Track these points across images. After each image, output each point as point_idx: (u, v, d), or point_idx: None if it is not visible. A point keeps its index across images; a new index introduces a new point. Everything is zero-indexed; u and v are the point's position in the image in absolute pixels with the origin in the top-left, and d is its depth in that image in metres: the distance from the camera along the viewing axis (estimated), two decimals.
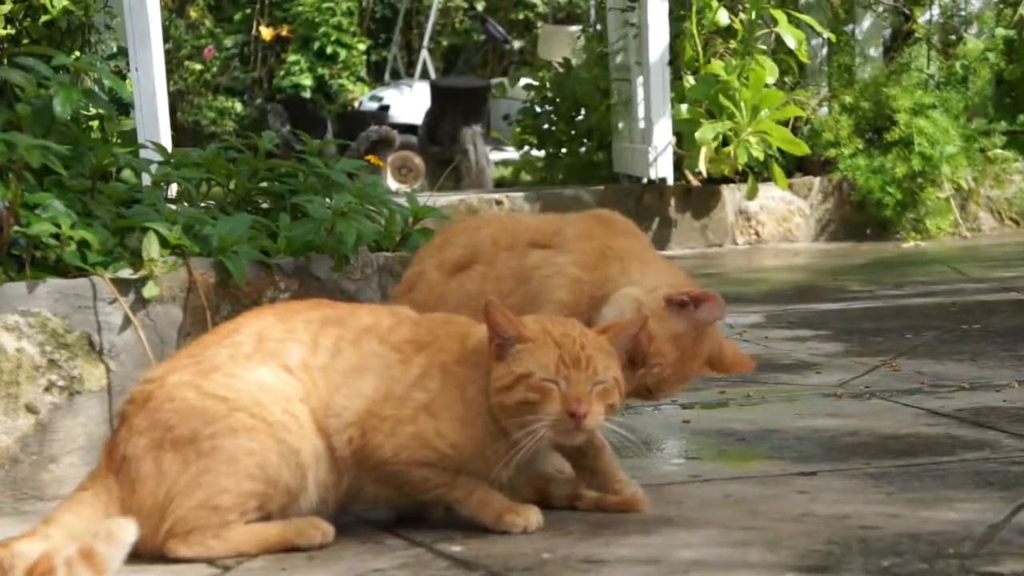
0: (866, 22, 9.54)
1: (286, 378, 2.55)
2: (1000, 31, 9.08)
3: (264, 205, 3.78)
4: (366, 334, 2.62)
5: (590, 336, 2.60)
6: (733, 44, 8.54)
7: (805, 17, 8.57)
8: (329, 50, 15.46)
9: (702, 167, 8.39)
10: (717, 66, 8.28)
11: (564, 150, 10.10)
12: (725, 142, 8.36)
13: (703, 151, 8.32)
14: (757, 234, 8.97)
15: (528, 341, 2.56)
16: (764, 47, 8.58)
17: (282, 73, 15.66)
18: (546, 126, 10.22)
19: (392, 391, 2.57)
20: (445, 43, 16.89)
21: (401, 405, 2.56)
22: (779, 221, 8.99)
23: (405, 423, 2.55)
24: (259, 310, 2.78)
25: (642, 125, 8.93)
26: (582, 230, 2.96)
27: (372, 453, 2.55)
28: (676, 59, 8.66)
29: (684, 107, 8.47)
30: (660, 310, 2.81)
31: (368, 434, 2.55)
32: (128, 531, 2.35)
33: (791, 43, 8.26)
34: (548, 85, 10.28)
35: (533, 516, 2.61)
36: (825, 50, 9.32)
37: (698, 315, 2.84)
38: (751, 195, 8.65)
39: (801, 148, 8.27)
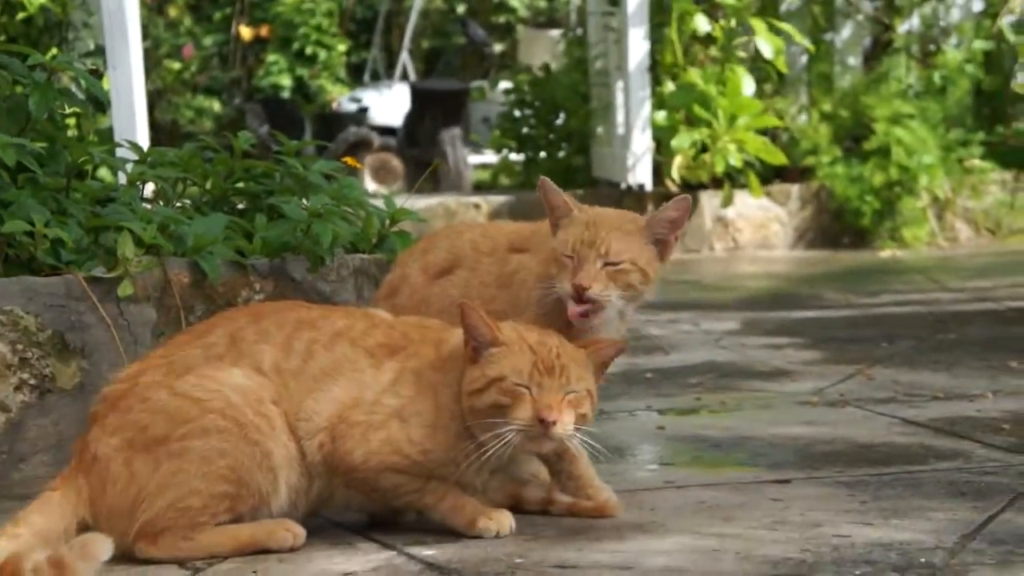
0: (846, 31, 9.57)
1: (259, 380, 2.54)
2: (979, 43, 9.12)
3: (240, 205, 3.76)
4: (339, 337, 2.61)
5: (567, 347, 2.60)
6: (713, 51, 8.56)
7: (784, 25, 8.60)
8: (309, 51, 15.43)
9: (675, 174, 8.42)
10: (695, 74, 8.29)
11: (543, 154, 10.12)
12: (704, 149, 8.38)
13: (677, 158, 8.35)
14: (735, 241, 8.98)
15: (503, 345, 2.56)
16: (744, 54, 8.61)
17: (261, 73, 15.62)
18: (525, 130, 10.23)
19: (363, 396, 2.56)
20: (425, 45, 16.88)
21: (372, 410, 2.55)
22: (757, 228, 9.00)
23: (376, 429, 2.55)
24: (233, 311, 2.77)
25: (621, 131, 8.94)
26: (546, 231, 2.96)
27: (342, 459, 2.54)
28: (656, 65, 8.68)
29: (663, 114, 8.49)
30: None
31: (338, 440, 2.54)
32: (103, 547, 2.33)
33: (767, 52, 8.28)
34: (528, 89, 10.30)
35: (506, 520, 2.60)
36: (805, 58, 9.35)
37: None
38: (726, 203, 8.67)
39: (778, 157, 8.29)
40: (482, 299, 2.79)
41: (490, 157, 12.56)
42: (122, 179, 3.78)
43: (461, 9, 16.77)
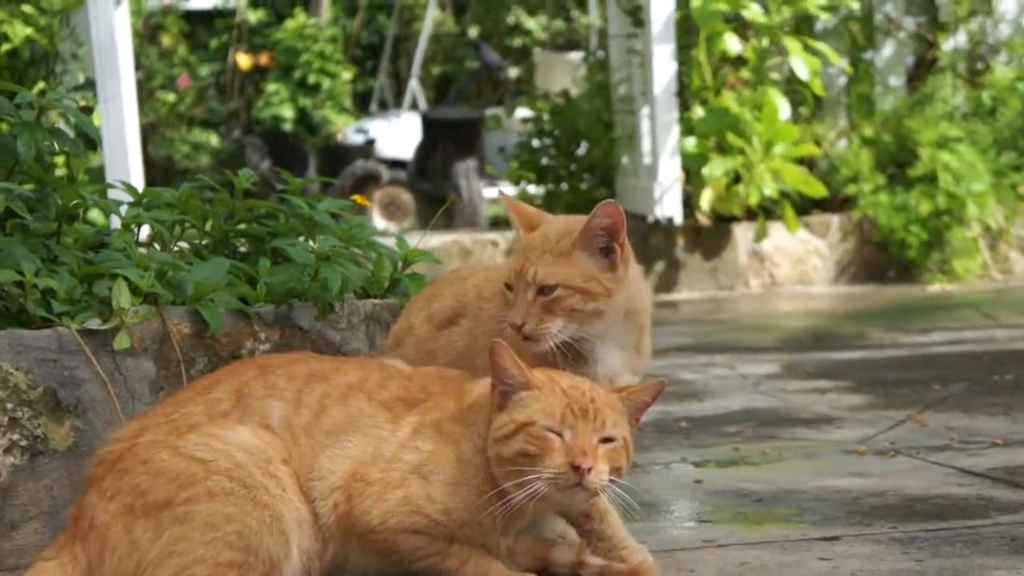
0: (887, 50, 9.59)
1: (267, 438, 2.55)
2: None
3: (242, 248, 3.77)
4: (353, 390, 2.61)
5: (600, 392, 2.60)
6: (744, 73, 8.58)
7: (820, 45, 8.61)
8: (312, 79, 15.52)
9: (705, 205, 8.43)
10: (728, 98, 8.31)
11: (564, 186, 10.14)
12: (737, 178, 8.38)
13: (708, 188, 8.35)
14: (772, 276, 8.98)
15: (534, 388, 2.56)
16: (777, 76, 8.62)
17: (261, 104, 15.70)
18: (544, 160, 10.25)
19: (380, 452, 2.56)
20: (436, 71, 16.96)
21: (390, 467, 2.56)
22: (795, 263, 9.00)
23: (394, 487, 2.55)
24: (238, 364, 2.77)
25: (648, 160, 8.96)
26: None
27: (358, 520, 2.54)
28: (684, 89, 8.70)
29: (692, 141, 8.50)
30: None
31: (354, 499, 2.54)
32: None
33: (803, 74, 8.30)
34: (546, 117, 10.33)
35: None
36: (843, 79, 9.36)
37: None
38: (759, 237, 8.67)
39: (817, 190, 8.30)
40: (487, 350, 2.77)
41: (507, 190, 12.60)
42: (115, 222, 3.79)
43: (473, 32, 16.85)
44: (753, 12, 8.38)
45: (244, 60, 16.08)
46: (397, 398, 2.62)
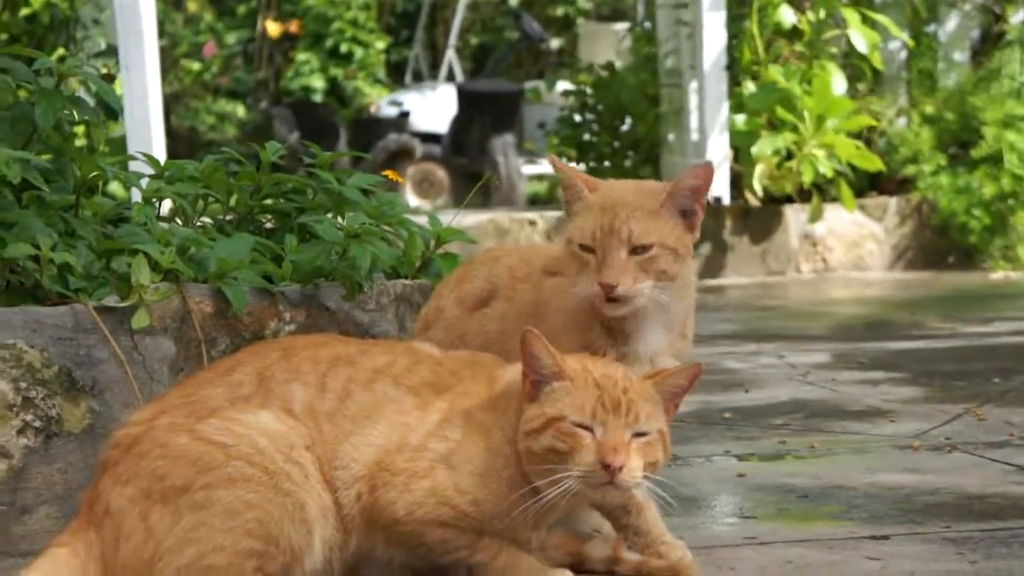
0: (951, 23, 9.53)
1: (290, 423, 2.56)
2: None
3: (268, 225, 3.79)
4: (380, 375, 2.62)
5: (634, 381, 2.59)
6: (799, 47, 8.55)
7: (880, 17, 8.57)
8: (344, 48, 15.55)
9: (756, 185, 8.40)
10: (776, 72, 8.27)
11: (607, 163, 10.13)
12: (789, 156, 8.36)
13: (759, 167, 8.33)
14: (824, 261, 8.95)
15: (567, 379, 2.56)
16: (835, 50, 8.59)
17: (291, 74, 15.76)
18: (587, 136, 10.24)
19: (407, 440, 2.57)
20: (474, 41, 16.96)
21: (417, 456, 2.56)
22: (849, 247, 8.97)
23: (421, 477, 2.55)
24: (261, 345, 2.79)
25: (695, 137, 8.95)
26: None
27: (383, 511, 2.55)
28: (734, 63, 8.67)
29: (742, 117, 8.48)
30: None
31: (379, 489, 2.55)
32: None
33: (862, 47, 8.27)
34: (589, 90, 10.31)
35: None
36: (904, 54, 9.31)
37: None
38: (814, 218, 8.64)
39: (874, 163, 8.26)
40: (520, 332, 2.78)
41: (547, 167, 12.59)
42: (136, 195, 3.82)
43: (514, 0, 16.84)
44: None
45: (273, 27, 16.13)
46: (426, 383, 2.63)
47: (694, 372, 2.64)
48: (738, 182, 8.71)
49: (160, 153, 7.72)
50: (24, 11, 7.95)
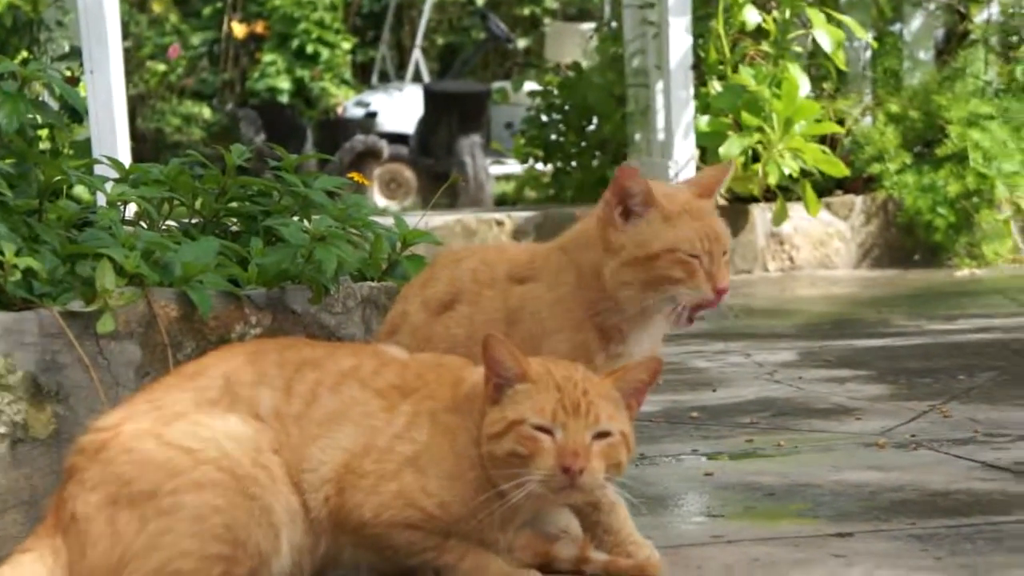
0: (915, 22, 9.57)
1: (257, 427, 2.56)
2: None
3: (234, 228, 3.78)
4: (346, 378, 2.63)
5: (594, 381, 2.60)
6: (765, 46, 8.57)
7: (844, 18, 8.60)
8: (310, 49, 15.52)
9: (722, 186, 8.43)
10: (746, 74, 8.30)
11: (574, 164, 10.15)
12: (756, 157, 8.38)
13: None
14: (791, 260, 8.98)
15: (530, 381, 2.57)
16: (800, 49, 8.62)
17: (256, 75, 15.72)
18: (553, 136, 10.25)
19: (374, 443, 2.58)
20: (440, 42, 16.95)
21: (383, 459, 2.57)
22: (816, 245, 9.00)
23: (387, 479, 2.56)
24: (227, 349, 2.79)
25: (662, 137, 8.96)
26: (551, 253, 2.98)
27: (351, 514, 2.56)
28: (700, 63, 8.69)
29: (707, 118, 8.50)
30: None
31: (346, 492, 2.56)
32: None
33: (827, 45, 8.29)
34: (556, 90, 10.33)
35: None
36: (868, 53, 9.34)
37: None
38: (779, 220, 8.67)
39: (839, 169, 8.29)
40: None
41: (514, 167, 12.60)
42: (101, 199, 3.81)
43: (480, 1, 16.84)
44: None
45: (239, 28, 16.09)
46: (392, 386, 2.64)
47: (654, 367, 2.66)
48: None
49: (125, 155, 7.69)
50: None
